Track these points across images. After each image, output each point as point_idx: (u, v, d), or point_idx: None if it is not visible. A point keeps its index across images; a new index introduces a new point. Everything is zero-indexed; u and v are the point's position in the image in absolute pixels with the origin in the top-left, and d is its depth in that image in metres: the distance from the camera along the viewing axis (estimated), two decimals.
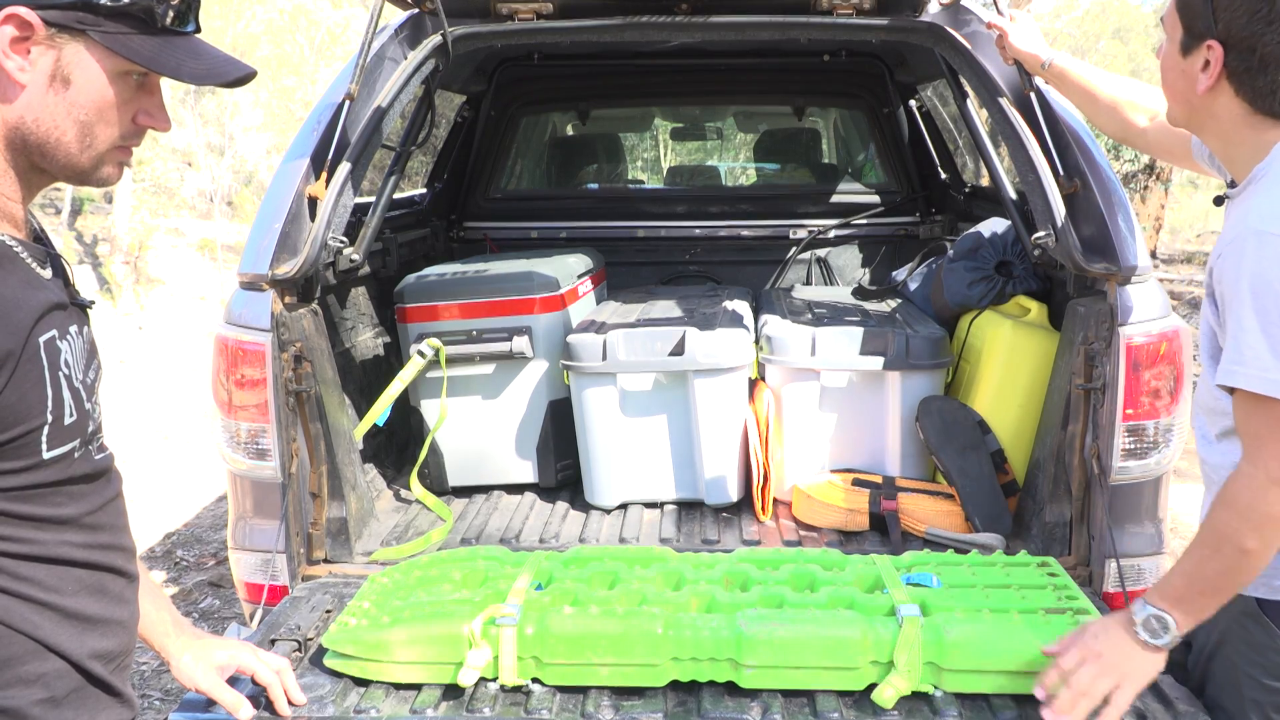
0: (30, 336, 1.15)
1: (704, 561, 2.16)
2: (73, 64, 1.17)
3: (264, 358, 2.33)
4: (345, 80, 2.54)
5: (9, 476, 1.16)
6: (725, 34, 2.68)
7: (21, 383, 1.14)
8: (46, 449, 1.18)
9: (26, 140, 1.18)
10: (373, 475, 3.00)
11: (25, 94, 1.16)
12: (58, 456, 1.20)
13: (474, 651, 1.83)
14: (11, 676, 1.20)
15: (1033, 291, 2.97)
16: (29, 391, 1.15)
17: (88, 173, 1.24)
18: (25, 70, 1.15)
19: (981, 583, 2.03)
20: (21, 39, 1.14)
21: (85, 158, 1.21)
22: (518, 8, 2.59)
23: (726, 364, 2.76)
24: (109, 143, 1.23)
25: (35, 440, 1.17)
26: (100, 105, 1.19)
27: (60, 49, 1.16)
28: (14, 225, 1.22)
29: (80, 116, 1.19)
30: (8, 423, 1.14)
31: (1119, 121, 2.21)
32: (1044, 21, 20.34)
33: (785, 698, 1.83)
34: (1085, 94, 2.27)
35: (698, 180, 5.63)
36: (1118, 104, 2.20)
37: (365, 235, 2.74)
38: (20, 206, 1.23)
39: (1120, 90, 2.21)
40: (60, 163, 1.21)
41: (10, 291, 1.14)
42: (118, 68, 1.19)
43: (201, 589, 4.41)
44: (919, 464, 2.84)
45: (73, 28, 1.15)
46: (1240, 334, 1.50)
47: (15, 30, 1.13)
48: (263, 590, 2.37)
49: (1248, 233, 1.50)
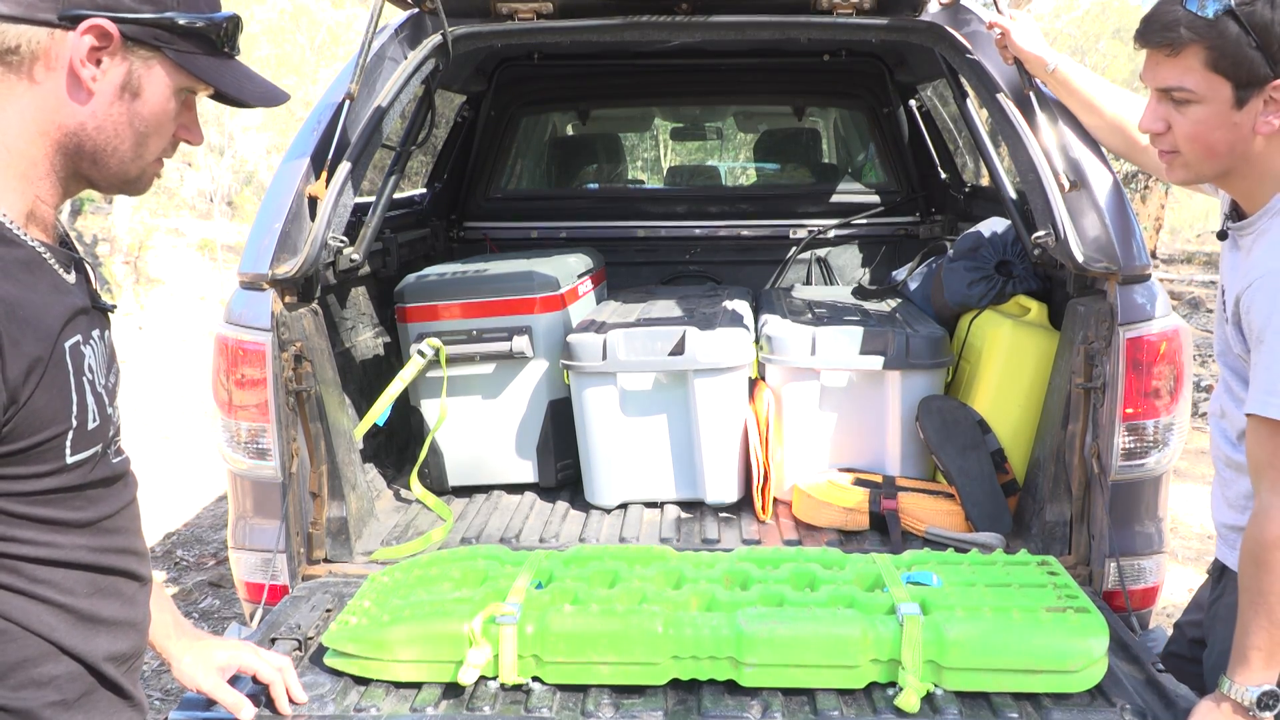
0: (58, 342, 1.16)
1: (704, 560, 2.16)
2: (143, 77, 1.20)
3: (264, 357, 2.33)
4: (345, 80, 2.54)
5: (33, 480, 1.16)
6: (725, 34, 2.68)
7: (49, 388, 1.15)
8: (70, 454, 1.19)
9: (82, 146, 1.20)
10: (373, 475, 3.00)
11: (93, 101, 1.19)
12: (80, 461, 1.21)
13: (474, 650, 1.83)
14: (25, 678, 1.20)
15: (1033, 291, 2.97)
16: (55, 397, 1.16)
17: (132, 182, 1.27)
18: (97, 79, 1.18)
19: (982, 582, 2.03)
20: (99, 49, 1.17)
21: (134, 167, 1.25)
22: (518, 8, 2.59)
23: (726, 364, 2.77)
24: (156, 154, 1.27)
25: (60, 445, 1.18)
26: (160, 118, 1.23)
27: (131, 61, 1.19)
28: (44, 230, 1.23)
29: (140, 128, 1.22)
30: (35, 427, 1.14)
31: (1123, 139, 2.23)
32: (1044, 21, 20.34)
33: (785, 696, 1.84)
34: (1089, 106, 2.29)
35: (698, 180, 5.63)
36: (1122, 121, 2.22)
37: (365, 235, 2.74)
38: (53, 211, 1.25)
39: (1124, 108, 2.22)
40: (112, 171, 1.24)
41: (39, 298, 1.16)
42: (180, 84, 1.23)
43: (201, 589, 4.41)
44: (919, 463, 2.84)
45: (148, 43, 1.19)
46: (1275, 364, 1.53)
47: (95, 40, 1.16)
48: (263, 590, 2.37)
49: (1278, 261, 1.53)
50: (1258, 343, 1.56)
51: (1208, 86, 1.60)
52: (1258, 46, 1.54)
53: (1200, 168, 1.69)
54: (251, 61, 11.83)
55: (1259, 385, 1.55)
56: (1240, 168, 1.65)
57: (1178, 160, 1.70)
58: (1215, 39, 1.56)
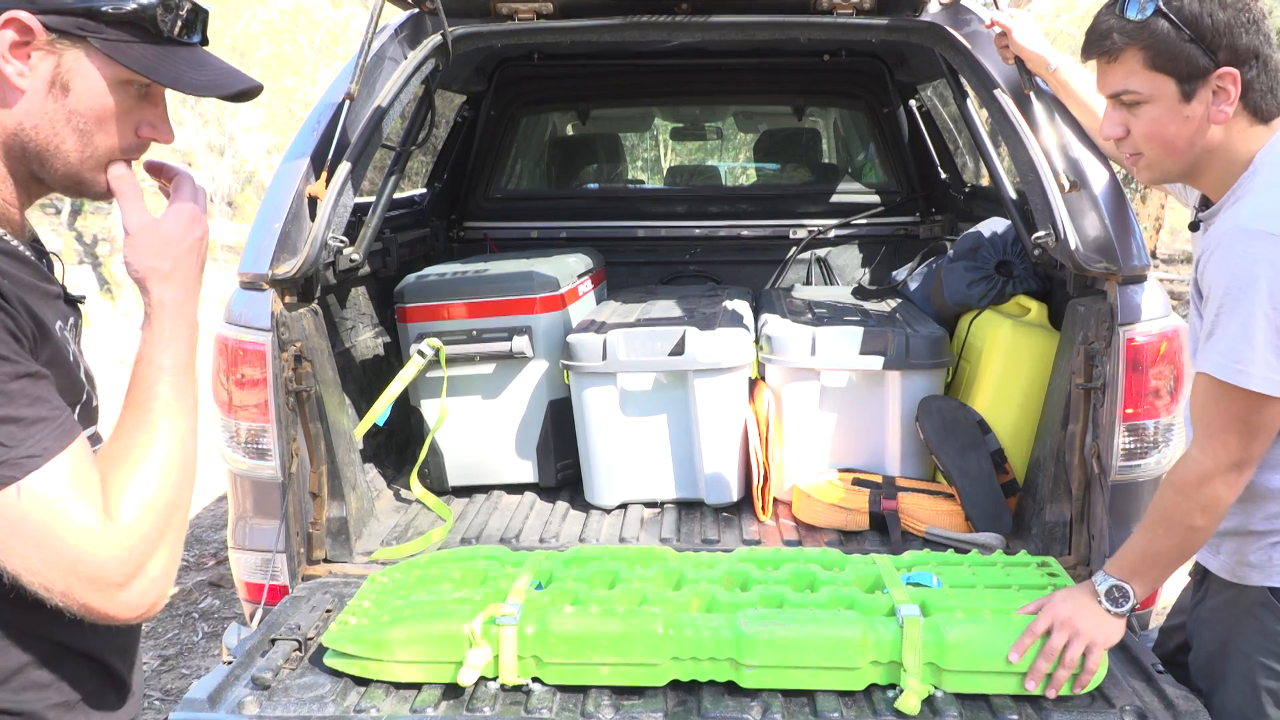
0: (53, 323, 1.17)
1: (704, 561, 2.16)
2: (72, 71, 1.15)
3: (264, 357, 2.33)
4: (345, 80, 2.54)
5: None
6: (725, 34, 2.68)
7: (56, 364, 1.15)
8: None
9: (25, 147, 1.17)
10: (373, 475, 3.00)
11: (24, 100, 1.14)
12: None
13: (474, 651, 1.83)
14: (26, 681, 1.19)
15: (1033, 291, 2.97)
16: (62, 373, 1.16)
17: (86, 184, 1.22)
18: (25, 75, 1.13)
19: (982, 583, 2.03)
20: (22, 44, 1.12)
21: (84, 168, 1.20)
22: (518, 8, 2.59)
23: (726, 364, 2.76)
24: (109, 153, 1.21)
25: None
26: (100, 114, 1.18)
27: (60, 55, 1.14)
28: (14, 230, 1.21)
29: (80, 125, 1.17)
30: None
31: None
32: (1044, 21, 20.32)
33: (785, 697, 1.83)
34: (1088, 108, 2.29)
35: (698, 180, 5.63)
36: None
37: (365, 235, 2.74)
38: (19, 212, 1.22)
39: None
40: (59, 172, 1.19)
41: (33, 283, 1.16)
42: (118, 76, 1.17)
43: (201, 589, 4.41)
44: (919, 464, 2.84)
45: (73, 34, 1.13)
46: (1217, 324, 1.59)
47: (15, 35, 1.11)
48: (263, 590, 2.37)
49: (1236, 230, 1.57)
50: (1218, 307, 1.59)
51: (1152, 86, 1.64)
52: (1192, 39, 1.59)
53: (1165, 165, 1.72)
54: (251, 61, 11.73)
55: (1220, 349, 1.58)
56: (1204, 160, 1.68)
57: (1143, 162, 1.74)
58: (1148, 39, 1.61)
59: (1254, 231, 1.54)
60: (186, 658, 3.84)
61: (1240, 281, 1.54)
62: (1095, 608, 1.78)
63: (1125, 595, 1.76)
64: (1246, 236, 1.55)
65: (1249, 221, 1.56)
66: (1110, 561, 1.81)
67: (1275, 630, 1.68)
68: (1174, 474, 1.70)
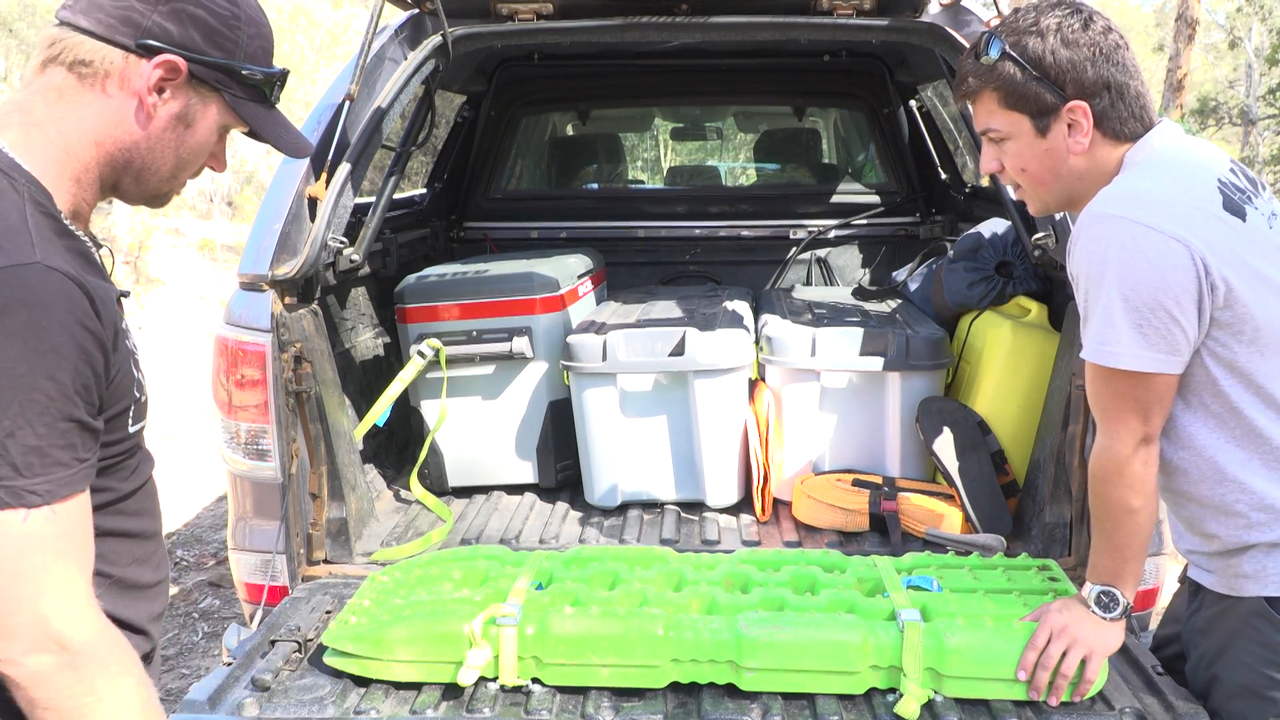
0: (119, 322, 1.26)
1: (704, 562, 2.16)
2: (199, 112, 1.32)
3: (264, 358, 2.33)
4: (345, 81, 2.54)
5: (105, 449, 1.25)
6: (725, 34, 2.68)
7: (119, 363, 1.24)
8: (132, 423, 1.30)
9: (131, 163, 1.30)
10: (373, 475, 2.99)
11: (150, 125, 1.29)
12: (135, 432, 1.32)
13: (474, 651, 1.83)
14: None
15: (1033, 292, 2.97)
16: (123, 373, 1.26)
17: (159, 198, 1.39)
18: (158, 106, 1.29)
19: (983, 587, 2.02)
20: (167, 79, 1.28)
21: (165, 186, 1.37)
22: (518, 8, 2.59)
23: (726, 364, 2.76)
24: (187, 178, 1.39)
25: (126, 416, 1.28)
26: (202, 149, 1.36)
27: (190, 96, 1.31)
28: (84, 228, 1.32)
29: (184, 154, 1.34)
30: (115, 397, 1.24)
31: None
32: None
33: (785, 700, 1.83)
34: None
35: (698, 180, 5.63)
36: None
37: (365, 235, 2.74)
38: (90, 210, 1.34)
39: None
40: (148, 187, 1.35)
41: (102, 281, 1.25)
42: (228, 123, 1.36)
43: (201, 589, 4.41)
44: (919, 464, 2.83)
45: (210, 84, 1.31)
46: (1086, 311, 1.65)
47: (164, 73, 1.27)
48: (263, 590, 2.37)
49: (1087, 217, 1.63)
50: (1085, 294, 1.65)
51: (1010, 123, 1.70)
52: (1037, 78, 1.65)
53: (1042, 196, 1.78)
54: None
55: (1091, 334, 1.63)
56: (1077, 188, 1.73)
57: (1022, 194, 1.81)
58: (998, 80, 1.68)
59: (1102, 215, 1.60)
60: (186, 658, 3.84)
61: (1095, 267, 1.60)
62: (1090, 616, 1.79)
63: (1114, 599, 1.78)
64: (1097, 221, 1.60)
65: (1098, 207, 1.61)
66: (1088, 571, 1.82)
67: (1273, 640, 1.67)
68: (1092, 467, 1.73)
